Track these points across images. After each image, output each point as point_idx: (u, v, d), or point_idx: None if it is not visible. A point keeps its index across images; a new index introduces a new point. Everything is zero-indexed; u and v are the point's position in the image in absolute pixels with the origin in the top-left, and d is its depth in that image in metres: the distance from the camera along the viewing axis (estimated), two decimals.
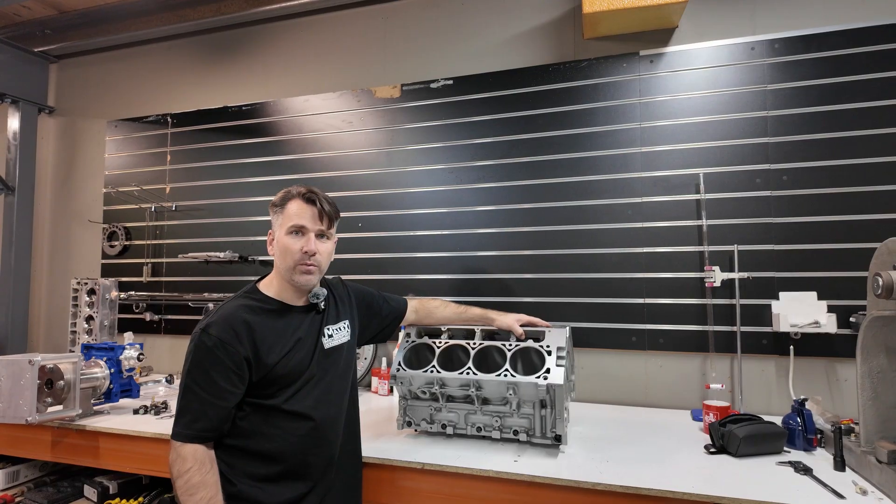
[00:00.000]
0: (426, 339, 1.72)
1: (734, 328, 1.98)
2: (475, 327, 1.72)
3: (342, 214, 2.60)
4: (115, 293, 2.82)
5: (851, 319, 1.86)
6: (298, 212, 1.32)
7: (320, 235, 1.34)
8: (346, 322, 1.47)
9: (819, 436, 1.55)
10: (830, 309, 1.87)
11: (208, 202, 2.87)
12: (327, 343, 1.37)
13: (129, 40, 3.15)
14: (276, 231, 1.35)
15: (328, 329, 1.39)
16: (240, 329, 1.21)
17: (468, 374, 1.56)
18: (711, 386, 1.90)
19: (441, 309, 1.74)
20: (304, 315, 1.36)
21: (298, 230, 1.31)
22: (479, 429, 1.62)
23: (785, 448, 1.53)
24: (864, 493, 1.24)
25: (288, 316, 1.33)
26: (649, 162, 2.15)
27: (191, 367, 1.19)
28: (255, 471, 1.23)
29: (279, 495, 1.24)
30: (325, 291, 1.40)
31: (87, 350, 2.03)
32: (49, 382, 1.75)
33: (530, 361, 1.60)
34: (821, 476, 1.33)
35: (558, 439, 1.53)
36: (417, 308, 1.72)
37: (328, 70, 2.74)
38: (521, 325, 1.66)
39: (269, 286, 1.36)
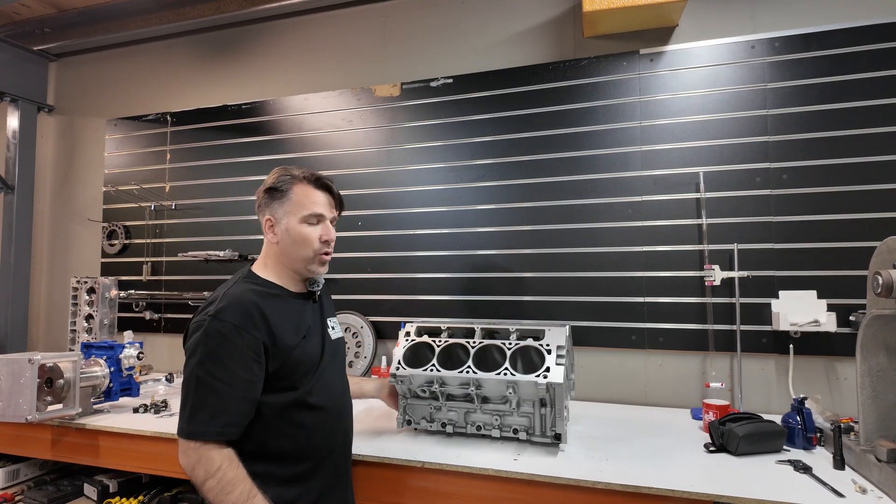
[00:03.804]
0: (426, 338, 1.72)
1: (734, 327, 1.98)
2: (475, 326, 1.72)
3: (343, 213, 2.62)
4: (114, 292, 2.82)
5: (851, 318, 1.86)
6: (314, 199, 1.27)
7: (332, 222, 1.32)
8: (337, 320, 1.46)
9: (819, 434, 1.55)
10: (830, 308, 1.87)
11: (208, 201, 2.87)
12: (333, 335, 1.35)
13: (129, 39, 3.14)
14: (285, 218, 1.25)
15: (329, 321, 1.37)
16: (254, 313, 1.13)
17: (468, 372, 1.56)
18: (711, 384, 1.90)
19: None
20: (305, 303, 1.31)
21: (317, 219, 1.27)
22: (478, 427, 1.62)
23: (784, 447, 1.53)
24: (864, 491, 1.24)
25: (292, 302, 1.28)
26: (649, 161, 2.15)
27: (202, 358, 1.08)
28: (282, 473, 1.17)
29: (307, 496, 1.21)
30: (322, 280, 1.36)
31: (87, 349, 2.03)
32: (49, 381, 1.75)
33: (530, 360, 1.60)
34: (820, 475, 1.33)
35: (558, 438, 1.53)
36: None
37: (328, 69, 2.74)
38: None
39: (267, 272, 1.29)
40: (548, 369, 1.50)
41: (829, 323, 1.85)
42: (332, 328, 1.37)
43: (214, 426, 1.07)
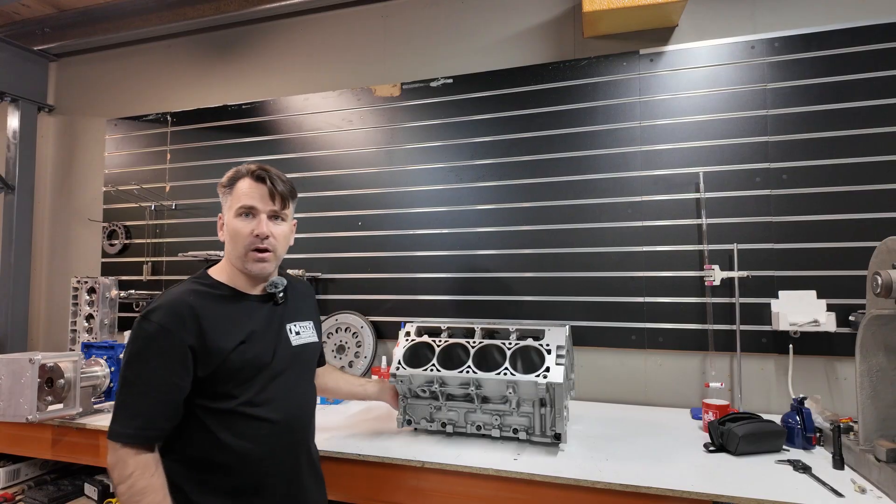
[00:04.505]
0: (426, 338, 1.72)
1: (734, 327, 1.98)
2: (475, 326, 1.72)
3: (343, 213, 2.63)
4: (115, 292, 2.82)
5: (850, 318, 1.86)
6: (248, 191, 1.19)
7: (273, 217, 1.22)
8: (311, 323, 1.36)
9: (818, 434, 1.56)
10: (830, 308, 1.87)
11: (208, 201, 2.87)
12: (295, 340, 1.26)
13: (129, 39, 3.14)
14: (226, 214, 1.23)
15: (294, 326, 1.28)
16: (185, 314, 1.09)
17: (468, 372, 1.56)
18: (711, 384, 1.90)
19: (341, 383, 1.66)
20: (259, 305, 1.23)
21: (248, 211, 1.19)
22: (478, 427, 1.62)
23: (784, 446, 1.53)
24: (863, 491, 1.24)
25: (241, 303, 1.20)
26: (649, 161, 2.15)
27: (129, 358, 1.07)
28: (221, 484, 1.12)
29: None
30: (283, 281, 1.28)
31: (88, 349, 2.03)
32: (49, 381, 1.75)
33: (530, 360, 1.60)
34: (820, 474, 1.33)
35: (558, 437, 1.53)
36: (328, 370, 1.64)
37: (328, 69, 2.74)
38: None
39: (221, 272, 1.24)
40: (548, 369, 1.50)
41: (828, 323, 1.85)
42: (297, 333, 1.27)
43: (131, 428, 1.05)
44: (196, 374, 1.10)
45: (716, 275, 1.98)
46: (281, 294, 1.27)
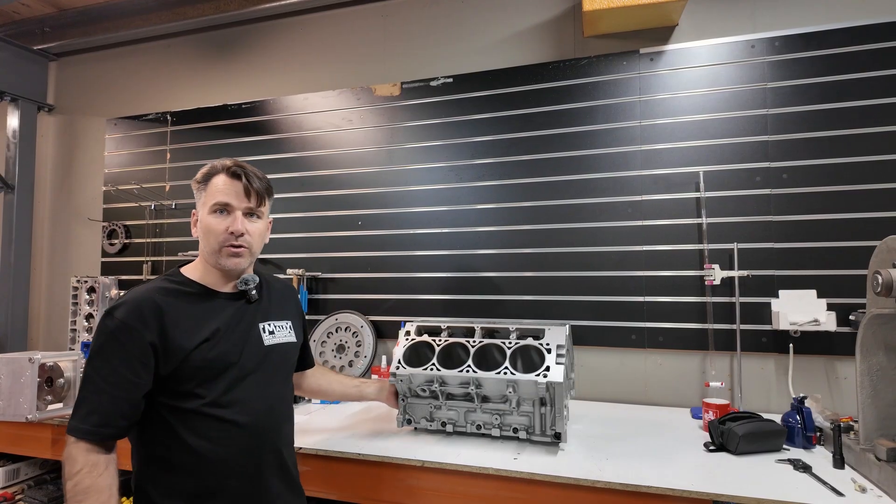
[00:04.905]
0: (426, 337, 1.72)
1: (734, 326, 1.98)
2: (475, 325, 1.72)
3: (343, 212, 2.63)
4: (114, 291, 2.82)
5: (851, 317, 1.86)
6: (223, 188, 1.18)
7: (249, 214, 1.21)
8: (290, 323, 1.32)
9: (818, 434, 1.56)
10: (830, 307, 1.87)
11: None
12: (268, 340, 1.23)
13: (129, 38, 3.14)
14: (200, 210, 1.22)
15: (269, 325, 1.25)
16: (147, 311, 1.08)
17: (468, 371, 1.56)
18: (711, 384, 1.90)
19: (334, 384, 1.62)
20: (228, 302, 1.20)
21: (223, 208, 1.18)
22: (478, 427, 1.62)
23: (784, 446, 1.53)
24: (864, 490, 1.24)
25: (210, 302, 1.18)
26: (649, 160, 2.15)
27: (91, 355, 1.08)
28: (182, 486, 1.09)
29: None
30: (256, 278, 1.25)
31: (87, 348, 2.03)
32: (49, 380, 1.75)
33: (530, 359, 1.60)
34: (820, 474, 1.33)
35: (558, 437, 1.53)
36: (319, 372, 1.60)
37: (328, 68, 2.74)
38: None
39: (193, 270, 1.23)
40: (548, 368, 1.50)
41: (828, 322, 1.85)
42: (270, 332, 1.24)
43: (87, 424, 1.04)
44: (158, 372, 1.08)
45: (716, 274, 1.98)
46: (254, 292, 1.24)
